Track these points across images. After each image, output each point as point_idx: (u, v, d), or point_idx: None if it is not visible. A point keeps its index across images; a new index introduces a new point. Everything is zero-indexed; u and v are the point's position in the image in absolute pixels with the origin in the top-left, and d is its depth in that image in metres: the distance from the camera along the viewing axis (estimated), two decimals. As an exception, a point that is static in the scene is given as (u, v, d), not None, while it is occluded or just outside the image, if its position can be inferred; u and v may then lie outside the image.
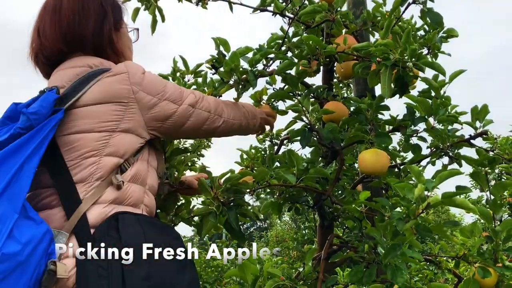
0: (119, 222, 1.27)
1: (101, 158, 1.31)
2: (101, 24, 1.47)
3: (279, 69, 1.71)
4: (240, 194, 1.53)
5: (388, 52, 1.52)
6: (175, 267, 1.29)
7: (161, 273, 1.25)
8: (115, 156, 1.34)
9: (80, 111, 1.34)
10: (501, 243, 1.64)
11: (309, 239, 6.99)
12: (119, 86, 1.37)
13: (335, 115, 1.79)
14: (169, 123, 1.47)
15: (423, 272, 3.01)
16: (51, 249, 1.17)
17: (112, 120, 1.34)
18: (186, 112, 1.50)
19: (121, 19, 1.56)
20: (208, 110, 1.56)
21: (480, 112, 1.74)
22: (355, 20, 2.07)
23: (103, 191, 1.30)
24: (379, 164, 1.61)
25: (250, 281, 1.65)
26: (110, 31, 1.49)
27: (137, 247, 1.23)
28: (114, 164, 1.33)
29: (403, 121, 1.76)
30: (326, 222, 1.97)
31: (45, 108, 1.28)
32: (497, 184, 1.63)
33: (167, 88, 1.48)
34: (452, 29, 1.93)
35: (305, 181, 1.62)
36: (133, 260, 1.21)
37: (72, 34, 1.43)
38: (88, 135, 1.32)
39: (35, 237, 1.14)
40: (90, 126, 1.33)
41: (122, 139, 1.35)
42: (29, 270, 1.11)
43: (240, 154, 2.64)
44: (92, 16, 1.45)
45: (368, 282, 1.44)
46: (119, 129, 1.35)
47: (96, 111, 1.34)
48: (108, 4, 1.50)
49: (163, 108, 1.45)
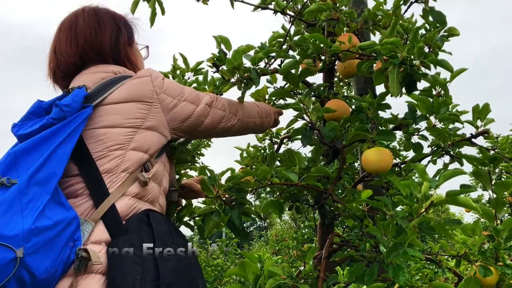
0: (150, 218, 1.36)
1: (127, 152, 1.40)
2: (117, 38, 1.58)
3: (283, 68, 1.70)
4: (243, 193, 1.52)
5: (395, 50, 1.52)
6: (197, 269, 1.40)
7: (187, 270, 1.33)
8: (140, 151, 1.42)
9: (108, 108, 1.43)
10: (503, 242, 1.64)
11: (309, 238, 6.98)
12: (144, 87, 1.48)
13: (336, 114, 1.79)
14: (188, 122, 1.57)
15: (423, 271, 3.01)
16: (77, 236, 1.25)
17: (138, 117, 1.44)
18: (203, 111, 1.59)
19: (133, 36, 1.67)
20: (223, 109, 1.66)
21: (481, 111, 1.73)
22: (356, 19, 2.06)
23: (130, 185, 1.38)
24: (383, 163, 1.61)
25: (251, 280, 1.64)
26: (125, 45, 1.61)
27: (167, 243, 1.32)
28: (139, 158, 1.42)
29: (404, 119, 1.76)
30: (327, 221, 1.97)
31: (76, 103, 1.38)
32: (499, 182, 1.63)
33: (184, 90, 1.58)
34: (453, 27, 1.92)
35: (307, 179, 1.62)
36: (164, 253, 1.29)
37: (90, 47, 1.53)
38: (115, 130, 1.41)
39: (64, 220, 1.22)
40: (117, 121, 1.42)
41: (146, 135, 1.44)
42: (56, 249, 1.18)
43: (240, 153, 2.64)
44: (108, 30, 1.57)
45: (370, 281, 1.43)
46: (144, 126, 1.44)
47: (122, 108, 1.43)
48: (120, 21, 1.63)
49: (183, 108, 1.55)
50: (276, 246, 8.99)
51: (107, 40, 1.56)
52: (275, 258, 3.45)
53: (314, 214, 2.39)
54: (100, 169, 1.36)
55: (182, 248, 1.35)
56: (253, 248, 11.72)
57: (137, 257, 1.25)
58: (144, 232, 1.30)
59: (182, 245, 1.37)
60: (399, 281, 1.38)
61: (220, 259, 6.05)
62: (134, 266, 1.23)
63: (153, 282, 1.21)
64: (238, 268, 1.69)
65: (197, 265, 1.41)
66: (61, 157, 1.29)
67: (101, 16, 1.59)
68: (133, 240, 1.28)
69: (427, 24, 1.92)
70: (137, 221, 1.33)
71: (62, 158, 1.29)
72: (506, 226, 1.63)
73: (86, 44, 1.53)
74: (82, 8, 1.60)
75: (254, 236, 14.68)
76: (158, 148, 1.48)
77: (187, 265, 1.34)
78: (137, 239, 1.28)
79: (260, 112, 1.81)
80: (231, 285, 1.74)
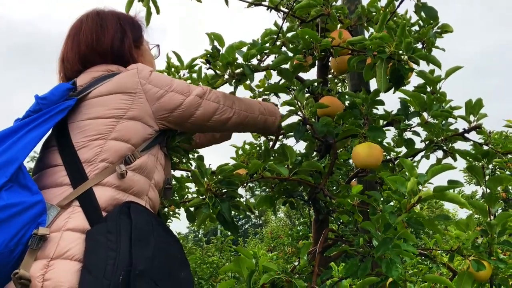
0: (130, 209, 1.35)
1: (107, 142, 1.41)
2: (121, 40, 1.60)
3: (274, 63, 1.71)
4: (233, 186, 1.52)
5: (384, 45, 1.52)
6: (176, 261, 1.38)
7: (164, 259, 1.32)
8: (121, 141, 1.42)
9: (93, 101, 1.45)
10: (496, 236, 1.65)
11: (304, 235, 7.00)
12: (128, 79, 1.49)
13: (329, 110, 1.79)
14: (177, 113, 1.54)
15: (417, 266, 3.02)
16: (42, 219, 1.27)
17: (120, 107, 1.45)
18: (193, 102, 1.56)
19: (141, 37, 1.70)
20: (217, 101, 1.61)
21: (474, 106, 1.74)
22: (350, 15, 2.07)
23: (108, 175, 1.38)
24: (372, 158, 1.61)
25: (246, 275, 1.65)
26: (130, 46, 1.62)
27: (146, 232, 1.31)
28: (119, 148, 1.41)
29: (397, 115, 1.76)
30: (321, 216, 1.97)
31: (55, 95, 1.42)
32: (493, 178, 1.64)
33: (174, 82, 1.57)
34: (447, 24, 1.93)
35: (299, 174, 1.63)
36: (141, 241, 1.28)
37: (91, 52, 1.56)
38: (97, 121, 1.42)
39: (24, 202, 1.25)
40: (100, 113, 1.43)
41: (129, 125, 1.44)
42: (11, 229, 1.21)
43: (235, 150, 2.64)
44: (110, 32, 1.59)
45: (362, 275, 1.44)
46: (126, 116, 1.45)
47: (106, 100, 1.45)
48: (126, 23, 1.64)
49: (170, 99, 1.52)
50: (271, 243, 9.00)
51: (108, 42, 1.57)
52: (270, 254, 3.46)
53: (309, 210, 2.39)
54: (80, 159, 1.38)
55: (165, 240, 1.36)
56: (248, 246, 11.72)
57: (111, 243, 1.24)
58: (121, 221, 1.30)
59: (164, 237, 1.37)
60: (392, 276, 1.38)
61: (216, 256, 6.05)
62: (108, 252, 1.22)
63: (126, 268, 1.20)
64: (233, 264, 1.69)
65: (180, 259, 1.40)
66: (27, 143, 1.31)
67: (104, 19, 1.61)
68: (109, 227, 1.28)
69: (420, 20, 1.93)
70: (117, 211, 1.32)
71: (28, 144, 1.31)
72: (499, 220, 1.64)
73: (87, 50, 1.56)
74: (87, 13, 1.64)
75: (249, 233, 14.69)
76: (142, 139, 1.47)
77: (166, 256, 1.33)
78: (114, 226, 1.28)
79: (263, 109, 1.76)
80: (225, 281, 1.74)
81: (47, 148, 1.46)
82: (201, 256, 5.85)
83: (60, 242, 1.25)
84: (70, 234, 1.27)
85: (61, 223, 1.28)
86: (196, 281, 5.38)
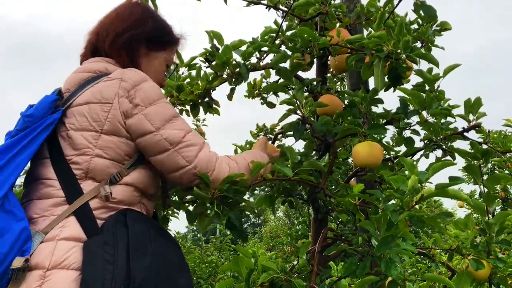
0: (127, 217, 1.32)
1: (92, 158, 1.35)
2: (118, 35, 1.52)
3: (273, 62, 1.71)
4: (240, 194, 1.50)
5: (382, 44, 1.52)
6: (175, 267, 1.34)
7: (162, 268, 1.28)
8: (105, 158, 1.36)
9: (76, 110, 1.40)
10: (494, 235, 1.65)
11: (303, 235, 7.00)
12: (108, 88, 1.40)
13: (329, 108, 1.79)
14: (141, 143, 1.40)
15: (417, 265, 3.03)
16: (27, 247, 1.23)
17: (98, 119, 1.38)
18: (157, 142, 1.39)
19: (159, 43, 1.60)
20: (189, 161, 1.41)
21: (473, 105, 1.74)
22: (349, 14, 2.06)
23: (99, 191, 1.33)
24: (372, 157, 1.61)
25: (245, 274, 1.65)
26: (134, 46, 1.54)
27: (143, 240, 1.28)
28: (105, 166, 1.36)
29: (396, 114, 1.76)
30: (320, 216, 1.97)
31: (40, 111, 1.37)
32: (490, 177, 1.64)
33: (157, 105, 1.42)
34: (445, 22, 1.93)
35: (299, 173, 1.62)
36: (138, 251, 1.25)
37: (96, 40, 1.53)
38: (82, 133, 1.37)
39: (6, 230, 1.21)
40: (82, 124, 1.38)
41: (108, 140, 1.37)
42: None
43: (234, 149, 2.64)
44: (118, 24, 1.53)
45: (361, 274, 1.44)
46: (104, 131, 1.37)
47: (86, 109, 1.39)
48: (148, 22, 1.57)
49: (138, 123, 1.39)
50: (270, 243, 9.00)
51: (111, 34, 1.53)
52: (270, 254, 3.45)
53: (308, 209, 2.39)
54: (73, 172, 1.34)
55: (162, 245, 1.33)
56: (248, 245, 11.73)
57: (108, 255, 1.22)
58: (118, 231, 1.27)
59: (162, 243, 1.34)
60: (391, 275, 1.38)
61: (215, 255, 6.05)
62: (105, 265, 1.20)
63: (124, 281, 1.18)
64: (232, 263, 1.69)
65: (180, 264, 1.36)
66: (17, 166, 1.29)
67: (128, 8, 1.58)
68: (106, 238, 1.25)
69: (419, 19, 1.93)
70: (113, 221, 1.29)
71: (18, 167, 1.29)
72: (498, 220, 1.64)
73: (96, 36, 1.55)
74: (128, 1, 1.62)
75: (248, 233, 14.68)
76: (126, 155, 1.39)
77: (164, 261, 1.30)
78: (111, 238, 1.25)
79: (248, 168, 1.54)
80: (224, 280, 1.74)
81: (40, 159, 1.40)
82: (200, 255, 5.85)
83: (55, 252, 1.23)
84: (65, 243, 1.24)
85: (56, 232, 1.26)
86: (195, 281, 5.38)
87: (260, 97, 2.06)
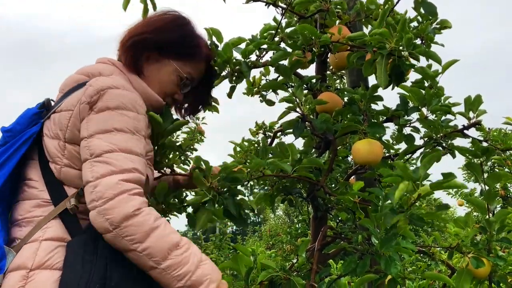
0: None
1: (62, 168, 1.34)
2: (141, 41, 1.50)
3: (273, 60, 1.70)
4: (237, 182, 1.50)
5: (384, 41, 1.51)
6: None
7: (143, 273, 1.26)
8: (73, 168, 1.33)
9: (53, 116, 1.39)
10: (495, 233, 1.65)
11: (303, 233, 7.00)
12: (76, 94, 1.36)
13: (328, 106, 1.78)
14: None
15: (416, 264, 3.02)
16: (1, 265, 1.22)
17: (62, 128, 1.35)
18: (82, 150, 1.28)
19: (175, 52, 1.54)
20: (93, 176, 1.23)
21: (473, 102, 1.73)
22: (349, 11, 2.05)
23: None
24: (372, 154, 1.60)
25: (244, 273, 1.64)
26: (139, 48, 1.50)
27: None
28: (73, 177, 1.33)
29: (396, 111, 1.75)
30: (320, 214, 1.96)
31: (20, 124, 1.38)
32: (491, 174, 1.63)
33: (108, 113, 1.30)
34: (445, 20, 1.92)
35: (299, 171, 1.61)
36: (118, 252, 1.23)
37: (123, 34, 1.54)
38: (53, 141, 1.35)
39: None
40: (54, 132, 1.36)
41: (73, 150, 1.33)
42: None
43: (233, 147, 2.63)
44: (138, 28, 1.53)
45: (361, 272, 1.43)
46: (67, 140, 1.34)
47: (57, 117, 1.37)
48: (166, 29, 1.54)
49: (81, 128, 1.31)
50: (270, 241, 9.00)
51: (127, 35, 1.53)
52: (269, 252, 3.45)
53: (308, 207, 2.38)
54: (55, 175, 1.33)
55: None
56: (247, 244, 11.73)
57: (87, 254, 1.21)
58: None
59: None
60: (391, 273, 1.38)
61: (214, 254, 6.05)
62: (84, 264, 1.19)
63: (100, 281, 1.17)
64: (231, 261, 1.68)
65: None
66: None
67: (159, 17, 1.59)
68: (87, 238, 1.24)
69: (419, 16, 1.92)
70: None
71: None
72: (498, 218, 1.64)
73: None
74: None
75: (248, 231, 14.69)
76: None
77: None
78: (91, 237, 1.23)
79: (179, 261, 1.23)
80: (223, 278, 1.73)
81: (28, 160, 1.38)
82: (199, 253, 5.84)
83: (39, 252, 1.22)
84: (49, 243, 1.24)
85: (40, 233, 1.25)
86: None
87: (259, 95, 2.05)
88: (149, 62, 1.54)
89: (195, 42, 1.59)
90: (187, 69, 1.57)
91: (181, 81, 1.57)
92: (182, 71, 1.56)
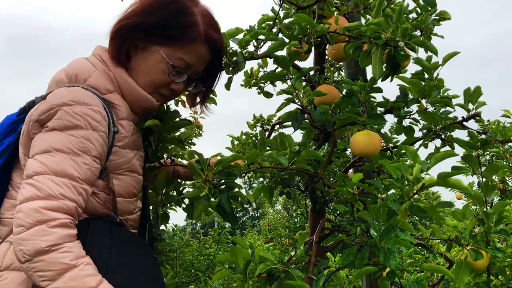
0: (89, 227, 1.24)
1: None
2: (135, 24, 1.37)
3: (269, 49, 1.68)
4: (232, 176, 1.49)
5: (380, 31, 1.50)
6: (145, 278, 1.31)
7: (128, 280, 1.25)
8: None
9: None
10: (493, 225, 1.64)
11: (301, 227, 7.01)
12: (33, 108, 1.30)
13: (327, 98, 1.77)
14: None
15: (414, 256, 3.02)
16: None
17: (23, 142, 1.32)
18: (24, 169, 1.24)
19: (160, 35, 1.37)
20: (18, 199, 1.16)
21: (472, 94, 1.72)
22: (347, 2, 2.04)
23: None
24: (371, 146, 1.59)
25: (242, 265, 1.63)
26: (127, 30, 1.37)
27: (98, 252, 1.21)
28: None
29: (396, 102, 1.74)
30: (318, 206, 1.96)
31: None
32: (489, 166, 1.62)
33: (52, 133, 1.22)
34: (445, 11, 1.91)
35: (297, 163, 1.60)
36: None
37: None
38: (21, 149, 1.34)
39: None
40: (21, 141, 1.34)
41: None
42: None
43: (231, 140, 2.62)
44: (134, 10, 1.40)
45: (360, 265, 1.43)
46: (25, 153, 1.31)
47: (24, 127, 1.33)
48: (159, 10, 1.37)
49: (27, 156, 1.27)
50: (268, 235, 9.02)
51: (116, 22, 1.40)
52: (267, 245, 3.45)
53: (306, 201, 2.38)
54: None
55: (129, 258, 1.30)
56: (246, 238, 11.76)
57: None
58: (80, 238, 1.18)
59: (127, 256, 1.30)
60: (390, 265, 1.37)
61: (213, 248, 6.05)
62: None
63: None
64: (229, 254, 1.67)
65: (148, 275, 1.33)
66: None
67: None
68: None
69: (418, 7, 1.91)
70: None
71: None
72: (496, 210, 1.63)
73: None
74: None
75: (246, 226, 14.72)
76: None
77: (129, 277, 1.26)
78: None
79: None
80: (221, 271, 1.73)
81: (12, 163, 1.36)
82: (198, 248, 5.85)
83: (8, 253, 1.22)
84: None
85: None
86: (193, 273, 5.41)
87: (257, 87, 2.04)
88: (137, 51, 1.40)
89: (185, 20, 1.39)
90: (178, 55, 1.40)
91: (174, 69, 1.41)
92: (170, 58, 1.38)
